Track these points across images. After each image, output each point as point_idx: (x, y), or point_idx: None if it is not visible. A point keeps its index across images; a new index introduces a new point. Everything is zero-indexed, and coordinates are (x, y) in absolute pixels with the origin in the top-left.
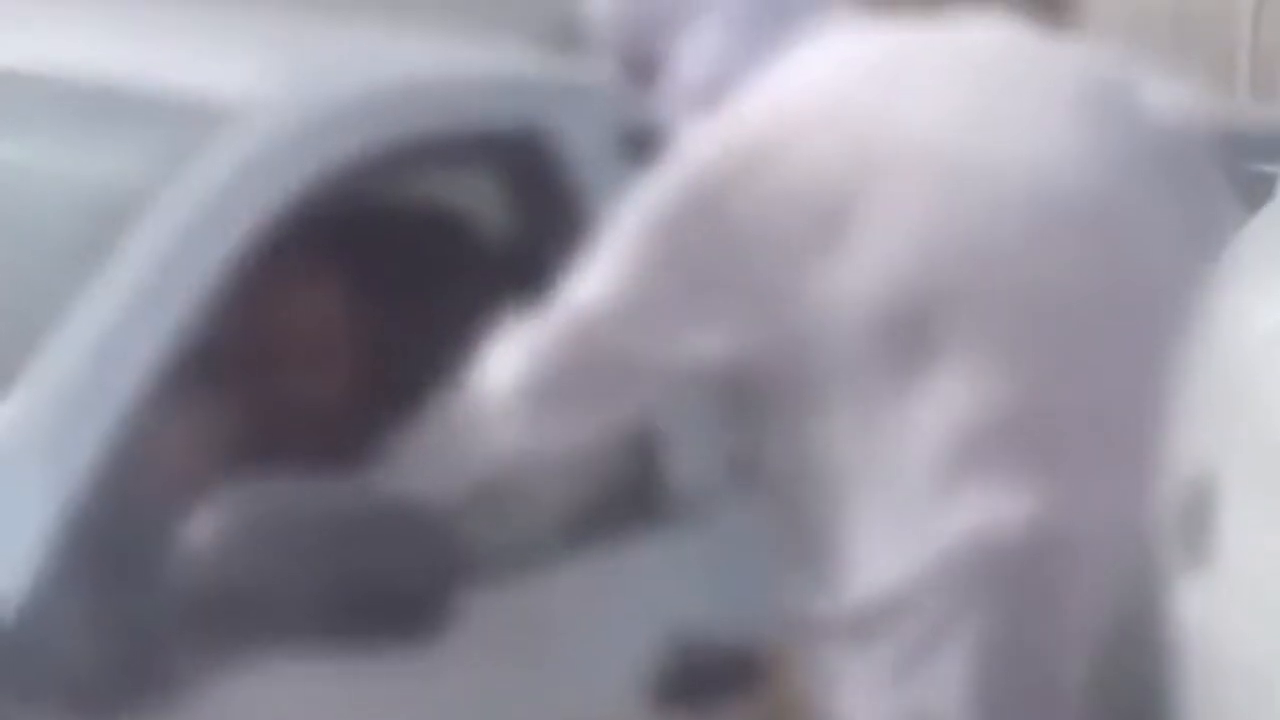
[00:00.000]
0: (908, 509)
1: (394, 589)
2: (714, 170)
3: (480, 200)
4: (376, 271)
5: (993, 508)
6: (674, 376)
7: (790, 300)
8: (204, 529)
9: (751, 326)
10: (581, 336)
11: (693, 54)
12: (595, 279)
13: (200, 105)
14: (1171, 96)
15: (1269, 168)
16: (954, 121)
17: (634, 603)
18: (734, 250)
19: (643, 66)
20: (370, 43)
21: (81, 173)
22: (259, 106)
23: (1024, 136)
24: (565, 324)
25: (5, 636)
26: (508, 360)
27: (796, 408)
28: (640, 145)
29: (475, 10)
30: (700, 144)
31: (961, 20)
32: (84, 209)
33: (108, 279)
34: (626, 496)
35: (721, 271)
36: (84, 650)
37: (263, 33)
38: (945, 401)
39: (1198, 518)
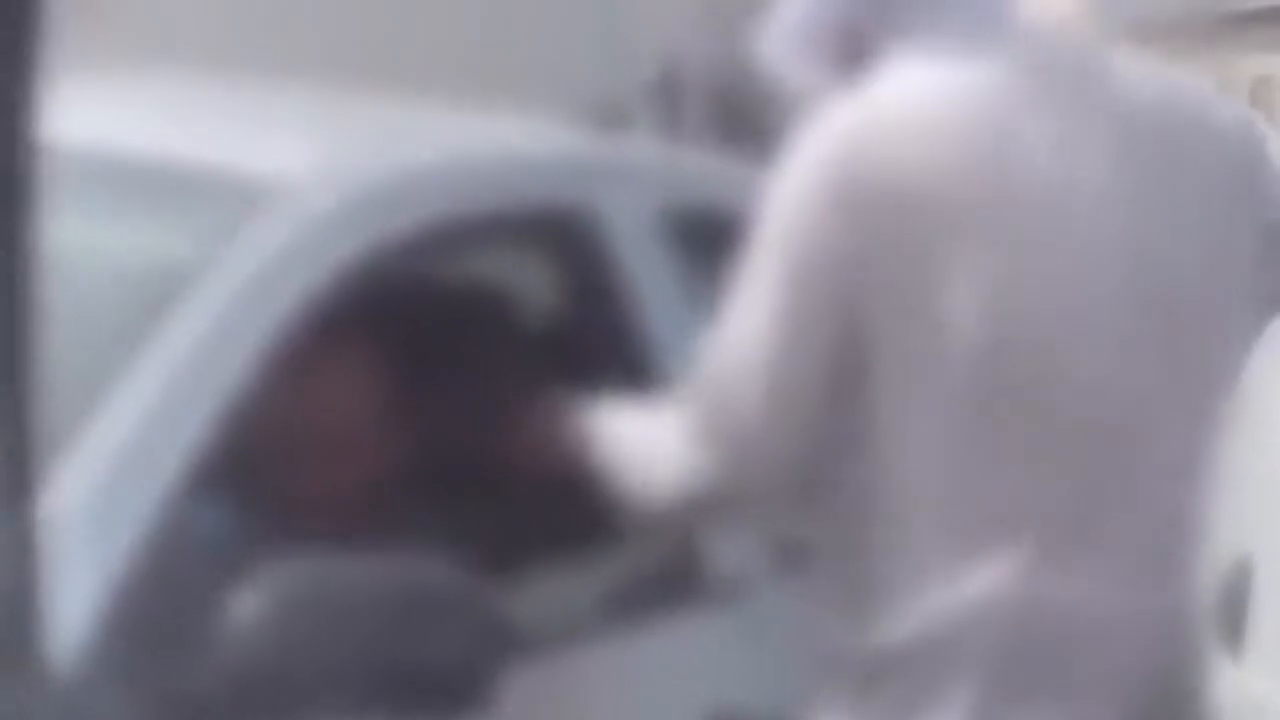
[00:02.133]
0: (943, 559)
1: (436, 666)
2: (839, 177)
3: (520, 279)
4: (417, 351)
5: (1004, 579)
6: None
7: (905, 313)
8: (247, 606)
9: (882, 335)
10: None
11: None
12: (747, 348)
13: (242, 183)
14: None
15: None
16: (1077, 174)
17: (672, 682)
18: (861, 265)
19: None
20: (412, 121)
21: (123, 251)
22: (301, 185)
23: (1147, 206)
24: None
25: (51, 711)
26: (675, 463)
27: (879, 429)
28: (680, 224)
29: (518, 88)
30: (820, 150)
31: (1121, 55)
32: (126, 287)
33: (153, 354)
34: (666, 577)
35: (860, 288)
36: None
37: (305, 111)
38: (991, 461)
39: (1235, 600)
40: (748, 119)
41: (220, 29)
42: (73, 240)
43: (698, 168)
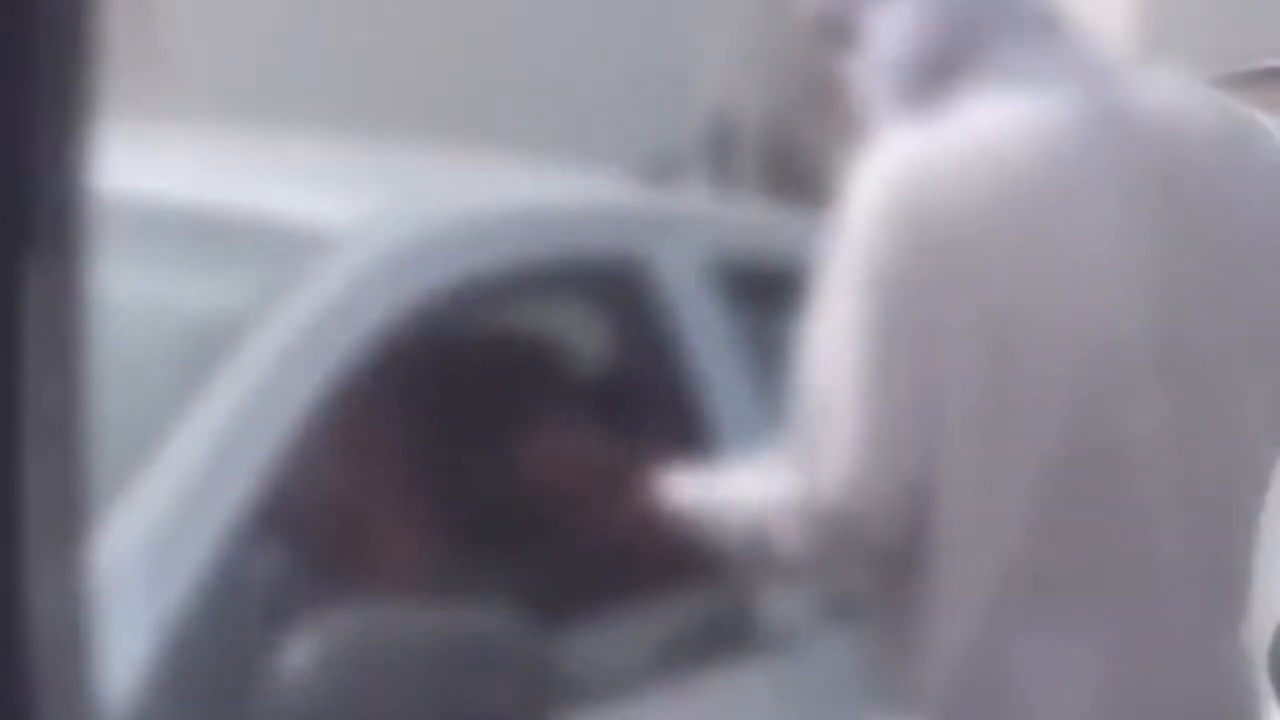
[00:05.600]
0: (958, 616)
1: (488, 716)
2: (901, 262)
3: (571, 329)
4: (468, 400)
5: (1030, 643)
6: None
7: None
8: (299, 654)
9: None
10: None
11: (889, 29)
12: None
13: (294, 234)
14: None
15: None
16: (1120, 232)
17: None
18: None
19: (841, 33)
20: (463, 171)
21: (174, 301)
22: (353, 236)
23: (1187, 274)
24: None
25: None
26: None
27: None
28: (732, 275)
29: (570, 139)
30: (877, 222)
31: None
32: (178, 336)
33: (206, 403)
34: (718, 628)
35: (924, 316)
36: None
37: (356, 161)
38: (1025, 532)
39: None
40: (799, 171)
41: (272, 79)
42: (124, 290)
43: (750, 219)
